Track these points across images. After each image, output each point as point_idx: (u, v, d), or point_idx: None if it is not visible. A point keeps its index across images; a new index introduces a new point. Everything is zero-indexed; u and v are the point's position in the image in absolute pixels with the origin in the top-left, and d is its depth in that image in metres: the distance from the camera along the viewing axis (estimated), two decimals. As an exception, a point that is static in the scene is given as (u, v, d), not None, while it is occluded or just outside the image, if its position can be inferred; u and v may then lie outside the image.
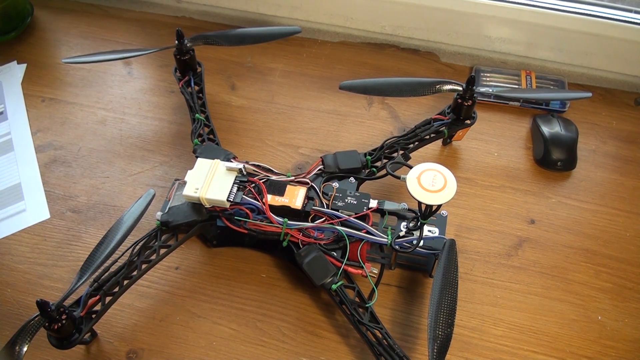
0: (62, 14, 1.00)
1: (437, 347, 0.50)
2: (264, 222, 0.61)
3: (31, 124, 0.83)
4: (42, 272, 0.67)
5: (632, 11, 0.81)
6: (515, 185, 0.74)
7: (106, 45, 0.94)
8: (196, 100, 0.75)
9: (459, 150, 0.78)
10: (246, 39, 0.80)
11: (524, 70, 0.86)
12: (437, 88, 0.69)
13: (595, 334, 0.61)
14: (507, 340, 0.61)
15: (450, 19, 0.87)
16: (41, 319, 0.51)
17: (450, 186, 0.52)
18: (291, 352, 0.60)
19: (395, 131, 0.80)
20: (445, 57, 0.91)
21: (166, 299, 0.64)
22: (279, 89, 0.86)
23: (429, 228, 0.61)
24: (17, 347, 0.49)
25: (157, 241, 0.62)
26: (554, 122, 0.77)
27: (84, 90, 0.87)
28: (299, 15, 0.94)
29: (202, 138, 0.72)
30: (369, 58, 0.91)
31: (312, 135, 0.80)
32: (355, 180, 0.66)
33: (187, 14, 0.99)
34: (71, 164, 0.78)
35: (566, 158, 0.74)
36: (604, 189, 0.74)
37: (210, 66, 0.87)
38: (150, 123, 0.82)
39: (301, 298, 0.64)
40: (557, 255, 0.68)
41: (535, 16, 0.82)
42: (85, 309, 0.56)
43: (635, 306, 0.63)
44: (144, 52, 0.81)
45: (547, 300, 0.64)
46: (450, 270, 0.56)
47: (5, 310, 0.64)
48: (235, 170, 0.64)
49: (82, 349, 0.60)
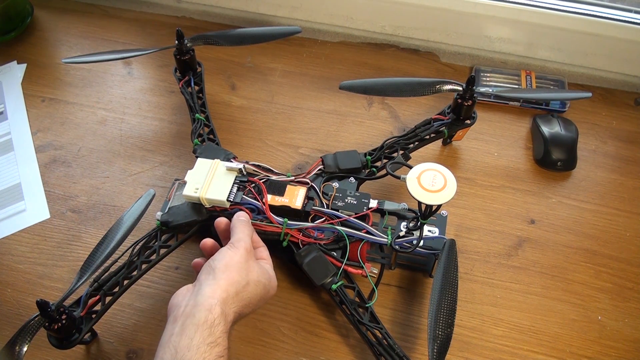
0: (62, 14, 1.00)
1: (437, 347, 0.50)
2: (264, 222, 0.61)
3: (31, 124, 0.83)
4: (42, 272, 0.67)
5: (632, 11, 0.81)
6: (515, 185, 0.74)
7: (106, 45, 0.94)
8: (196, 100, 0.75)
9: (459, 150, 0.78)
10: (246, 39, 0.80)
11: (524, 70, 0.86)
12: (437, 88, 0.69)
13: (595, 334, 0.61)
14: (507, 340, 0.61)
15: (450, 19, 0.87)
16: (41, 319, 0.51)
17: (450, 186, 0.52)
18: (291, 352, 0.60)
19: (395, 131, 0.80)
20: (445, 57, 0.91)
21: (166, 299, 0.63)
22: (279, 89, 0.86)
23: (429, 228, 0.61)
24: (17, 347, 0.49)
25: (157, 241, 0.62)
26: (554, 122, 0.77)
27: (84, 90, 0.87)
28: (299, 15, 0.94)
29: (202, 138, 0.72)
30: (369, 58, 0.91)
31: (312, 135, 0.80)
32: (355, 180, 0.66)
33: (187, 14, 0.99)
34: (71, 164, 0.78)
35: (566, 158, 0.74)
36: (604, 189, 0.74)
37: (210, 66, 0.87)
38: (150, 123, 0.82)
39: (301, 298, 0.64)
40: (557, 255, 0.68)
41: (535, 16, 0.82)
42: (85, 309, 0.56)
43: (635, 306, 0.63)
44: (144, 52, 0.81)
45: (547, 300, 0.64)
46: (450, 270, 0.56)
47: (5, 310, 0.64)
48: (235, 170, 0.64)
49: (82, 349, 0.60)
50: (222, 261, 0.52)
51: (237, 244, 0.54)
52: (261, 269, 0.54)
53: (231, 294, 0.50)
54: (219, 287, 0.49)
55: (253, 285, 0.52)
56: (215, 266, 0.51)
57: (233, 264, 0.52)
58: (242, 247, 0.53)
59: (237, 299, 0.50)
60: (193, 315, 0.47)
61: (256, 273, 0.53)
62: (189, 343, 0.45)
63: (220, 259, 0.52)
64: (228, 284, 0.50)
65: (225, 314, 0.48)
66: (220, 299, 0.48)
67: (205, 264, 0.53)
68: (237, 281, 0.51)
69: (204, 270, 0.52)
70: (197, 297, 0.48)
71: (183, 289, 0.52)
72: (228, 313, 0.49)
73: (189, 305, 0.48)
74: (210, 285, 0.49)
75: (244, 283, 0.51)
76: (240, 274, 0.51)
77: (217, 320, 0.47)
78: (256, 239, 0.59)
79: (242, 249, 0.53)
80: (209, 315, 0.47)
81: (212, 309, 0.47)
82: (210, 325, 0.46)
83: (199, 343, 0.45)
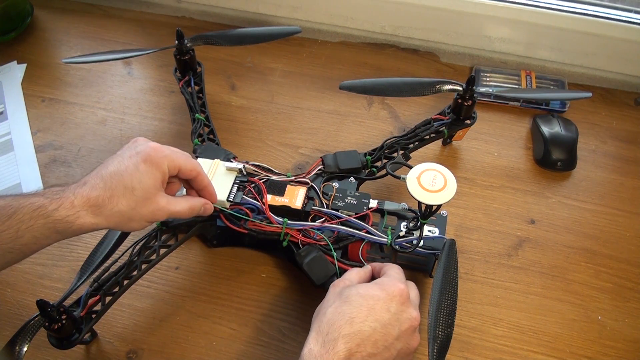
0: (62, 14, 1.00)
1: (437, 347, 0.50)
2: (263, 222, 0.61)
3: (31, 124, 0.83)
4: (42, 272, 0.67)
5: (632, 11, 0.81)
6: (515, 185, 0.74)
7: (106, 45, 0.94)
8: (196, 100, 0.75)
9: (459, 150, 0.78)
10: (246, 39, 0.80)
11: (524, 70, 0.86)
12: (437, 88, 0.69)
13: (595, 334, 0.61)
14: (507, 340, 0.61)
15: (450, 19, 0.87)
16: (41, 319, 0.51)
17: (450, 186, 0.52)
18: (291, 352, 0.60)
19: (395, 131, 0.80)
20: (445, 57, 0.91)
21: (166, 299, 0.64)
22: (279, 89, 0.86)
23: (429, 228, 0.61)
24: (17, 347, 0.49)
25: (157, 241, 0.62)
26: (554, 122, 0.77)
27: (84, 90, 0.87)
28: (299, 15, 0.94)
29: (202, 138, 0.72)
30: (369, 58, 0.91)
31: (312, 135, 0.80)
32: (355, 180, 0.66)
33: (187, 14, 0.99)
34: (71, 164, 0.78)
35: (566, 158, 0.74)
36: (604, 189, 0.74)
37: (210, 66, 0.87)
38: (150, 123, 0.82)
39: (301, 298, 0.64)
40: (557, 255, 0.68)
41: (535, 16, 0.82)
42: (85, 309, 0.56)
43: (635, 306, 0.63)
44: (144, 52, 0.81)
45: (547, 300, 0.64)
46: (450, 270, 0.56)
47: (5, 310, 0.64)
48: (235, 170, 0.64)
49: (82, 349, 0.60)
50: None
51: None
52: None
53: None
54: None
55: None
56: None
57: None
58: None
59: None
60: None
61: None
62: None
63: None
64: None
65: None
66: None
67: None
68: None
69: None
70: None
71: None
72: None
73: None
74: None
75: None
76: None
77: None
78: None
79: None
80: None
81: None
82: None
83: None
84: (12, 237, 0.45)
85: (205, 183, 0.56)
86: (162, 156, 0.51)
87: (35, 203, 0.46)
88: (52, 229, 0.46)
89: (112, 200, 0.48)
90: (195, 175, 0.55)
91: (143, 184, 0.49)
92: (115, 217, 0.48)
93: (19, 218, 0.45)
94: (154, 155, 0.50)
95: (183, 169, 0.53)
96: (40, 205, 0.46)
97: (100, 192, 0.48)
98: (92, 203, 0.47)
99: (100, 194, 0.48)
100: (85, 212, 0.47)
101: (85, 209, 0.47)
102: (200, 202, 0.56)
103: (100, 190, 0.48)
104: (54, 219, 0.46)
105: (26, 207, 0.46)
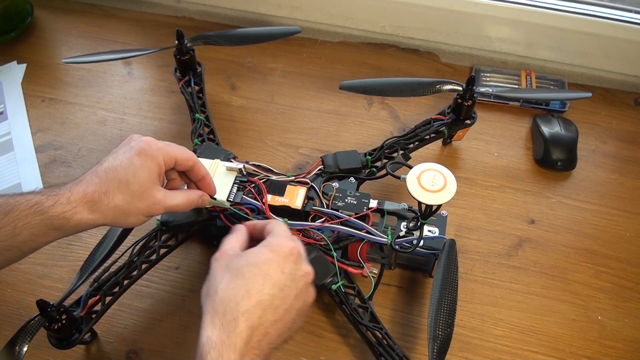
0: (62, 14, 1.00)
1: (437, 347, 0.50)
2: (264, 222, 0.61)
3: (31, 124, 0.83)
4: (42, 272, 0.67)
5: (632, 11, 0.81)
6: (515, 185, 0.74)
7: (106, 45, 0.94)
8: (196, 100, 0.75)
9: (459, 150, 0.78)
10: (246, 39, 0.80)
11: (524, 70, 0.86)
12: (437, 88, 0.69)
13: (595, 334, 0.61)
14: (507, 340, 0.61)
15: (450, 19, 0.87)
16: (41, 318, 0.51)
17: (450, 186, 0.52)
18: (291, 352, 0.60)
19: (395, 131, 0.80)
20: (445, 57, 0.91)
21: (166, 299, 0.64)
22: (279, 89, 0.86)
23: (429, 228, 0.61)
24: (17, 347, 0.49)
25: (157, 241, 0.62)
26: (554, 122, 0.77)
27: (84, 90, 0.87)
28: (299, 15, 0.94)
29: (202, 138, 0.72)
30: (369, 58, 0.91)
31: (312, 135, 0.80)
32: (355, 180, 0.66)
33: (187, 14, 0.99)
34: (71, 164, 0.78)
35: (566, 158, 0.74)
36: (604, 189, 0.74)
37: (210, 66, 0.87)
38: (150, 123, 0.82)
39: (301, 298, 0.64)
40: (557, 255, 0.68)
41: (535, 16, 0.82)
42: (85, 309, 0.56)
43: (635, 306, 0.63)
44: (144, 52, 0.81)
45: (547, 300, 0.64)
46: (450, 270, 0.56)
47: (5, 310, 0.64)
48: (235, 170, 0.64)
49: (82, 349, 0.60)
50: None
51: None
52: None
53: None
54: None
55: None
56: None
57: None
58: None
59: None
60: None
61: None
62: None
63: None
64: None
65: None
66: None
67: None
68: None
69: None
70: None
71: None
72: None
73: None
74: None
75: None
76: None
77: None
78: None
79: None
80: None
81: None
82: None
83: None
84: (10, 235, 0.45)
85: (203, 173, 0.56)
86: (155, 149, 0.51)
87: (32, 200, 0.46)
88: (49, 226, 0.46)
89: (107, 195, 0.48)
90: (192, 165, 0.54)
91: (138, 177, 0.49)
92: (112, 212, 0.48)
93: (16, 215, 0.45)
94: (147, 148, 0.50)
95: (179, 159, 0.53)
96: (36, 202, 0.46)
97: (95, 188, 0.48)
98: (89, 199, 0.47)
99: (95, 190, 0.47)
100: (82, 208, 0.47)
101: (81, 205, 0.47)
102: (197, 194, 0.55)
103: (96, 185, 0.48)
104: (51, 215, 0.46)
105: (23, 204, 0.46)
